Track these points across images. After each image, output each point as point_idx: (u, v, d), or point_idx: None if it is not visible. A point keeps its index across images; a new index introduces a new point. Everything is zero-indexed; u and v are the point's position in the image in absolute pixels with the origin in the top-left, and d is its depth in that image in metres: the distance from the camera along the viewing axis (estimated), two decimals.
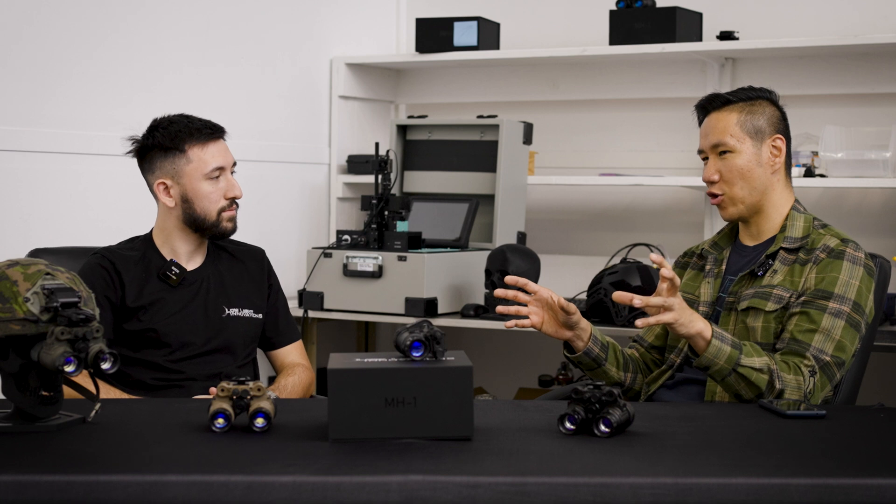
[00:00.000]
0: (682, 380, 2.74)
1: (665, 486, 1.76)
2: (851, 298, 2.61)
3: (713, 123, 2.74)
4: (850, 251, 2.66)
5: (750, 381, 2.47)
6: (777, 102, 2.78)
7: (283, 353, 3.10)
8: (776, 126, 2.75)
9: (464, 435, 2.02)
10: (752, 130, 2.72)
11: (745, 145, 2.71)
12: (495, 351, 4.80)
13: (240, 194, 2.95)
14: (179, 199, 2.91)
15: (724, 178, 2.72)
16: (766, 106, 2.75)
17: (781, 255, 2.69)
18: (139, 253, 2.94)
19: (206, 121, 2.95)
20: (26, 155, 3.64)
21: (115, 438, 2.09)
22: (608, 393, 2.07)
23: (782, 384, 2.48)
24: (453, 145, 4.48)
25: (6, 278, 2.10)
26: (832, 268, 2.63)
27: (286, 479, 1.78)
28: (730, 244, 2.83)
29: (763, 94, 2.76)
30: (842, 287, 2.61)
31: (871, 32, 4.14)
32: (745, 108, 2.73)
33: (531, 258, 4.04)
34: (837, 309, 2.59)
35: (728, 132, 2.71)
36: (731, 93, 2.76)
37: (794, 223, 2.73)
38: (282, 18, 4.54)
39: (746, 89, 2.76)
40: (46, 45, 3.69)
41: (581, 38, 4.60)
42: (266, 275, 3.08)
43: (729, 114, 2.72)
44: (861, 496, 1.76)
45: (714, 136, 2.73)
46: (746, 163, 2.70)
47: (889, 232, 4.22)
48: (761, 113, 2.73)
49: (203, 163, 2.90)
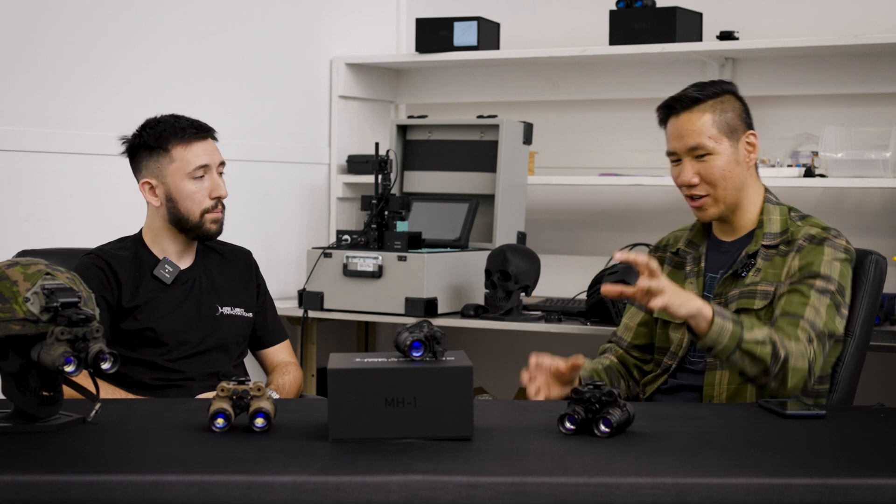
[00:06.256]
0: (676, 386, 2.72)
1: (665, 486, 1.77)
2: (836, 279, 2.60)
3: (685, 125, 2.67)
4: (832, 238, 2.65)
5: (754, 355, 2.44)
6: (739, 94, 2.73)
7: (273, 352, 3.11)
8: (746, 121, 2.71)
9: (464, 435, 2.02)
10: (728, 129, 2.67)
11: (723, 146, 2.66)
12: (495, 351, 4.79)
13: (224, 194, 2.94)
14: (164, 198, 2.92)
15: (705, 180, 2.67)
16: (732, 101, 2.70)
17: (763, 252, 2.67)
18: (131, 252, 2.94)
19: (193, 120, 2.95)
20: (26, 155, 3.64)
21: (115, 438, 2.09)
22: (608, 393, 2.07)
23: (786, 351, 2.46)
24: (453, 145, 4.48)
25: (6, 278, 2.10)
26: (816, 252, 2.62)
27: (286, 479, 1.78)
28: (705, 240, 2.79)
29: (727, 87, 2.71)
30: (826, 267, 2.60)
31: (871, 32, 4.13)
32: (716, 107, 2.67)
33: (531, 258, 4.03)
34: (823, 287, 2.58)
35: (705, 134, 2.65)
36: (696, 91, 2.68)
37: (770, 217, 2.70)
38: (282, 18, 4.54)
39: (709, 84, 2.70)
40: (46, 45, 3.69)
41: (581, 38, 4.59)
42: (254, 274, 3.11)
43: (701, 114, 2.66)
44: (861, 496, 1.76)
45: (690, 139, 2.66)
46: (726, 163, 2.66)
47: (889, 232, 4.21)
48: (731, 109, 2.68)
49: (186, 162, 2.90)
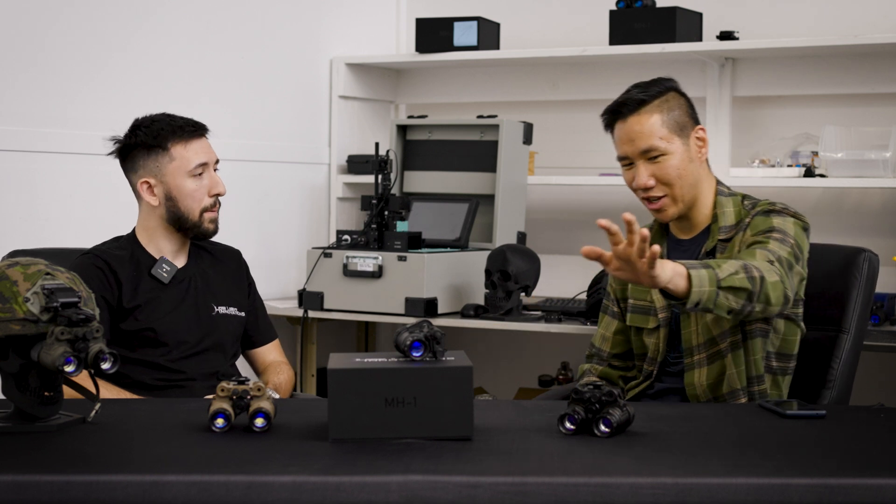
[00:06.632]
0: (662, 390, 2.71)
1: (665, 486, 1.76)
2: (792, 235, 2.56)
3: (635, 128, 2.63)
4: (779, 210, 2.62)
5: (735, 287, 2.36)
6: (681, 90, 2.70)
7: (265, 352, 3.12)
8: (692, 116, 2.68)
9: (464, 435, 2.02)
10: (677, 127, 2.64)
11: (675, 144, 2.63)
12: (495, 351, 4.79)
13: (223, 191, 2.95)
14: (163, 197, 2.91)
15: (661, 181, 2.64)
16: (677, 98, 2.67)
17: (720, 246, 2.64)
18: (127, 252, 2.94)
19: (188, 119, 2.95)
20: (26, 155, 3.64)
21: (115, 438, 2.09)
22: (608, 393, 2.07)
23: (758, 271, 2.40)
24: (453, 145, 4.48)
25: (6, 278, 2.10)
26: (765, 221, 2.59)
27: (286, 479, 1.78)
28: (664, 240, 2.76)
29: (669, 84, 2.68)
30: (779, 225, 2.57)
31: (871, 32, 4.13)
32: (662, 106, 2.64)
33: (531, 258, 4.03)
34: (781, 238, 2.54)
35: (656, 135, 2.62)
36: (640, 92, 2.65)
37: (724, 210, 2.67)
38: (282, 18, 4.54)
39: (651, 84, 2.67)
40: (46, 45, 3.69)
41: (581, 38, 4.59)
42: (245, 274, 3.12)
43: (649, 116, 2.63)
44: (861, 496, 1.76)
45: (642, 142, 2.62)
46: (680, 162, 2.63)
47: (889, 232, 4.22)
48: (677, 106, 2.66)
49: (186, 160, 2.90)
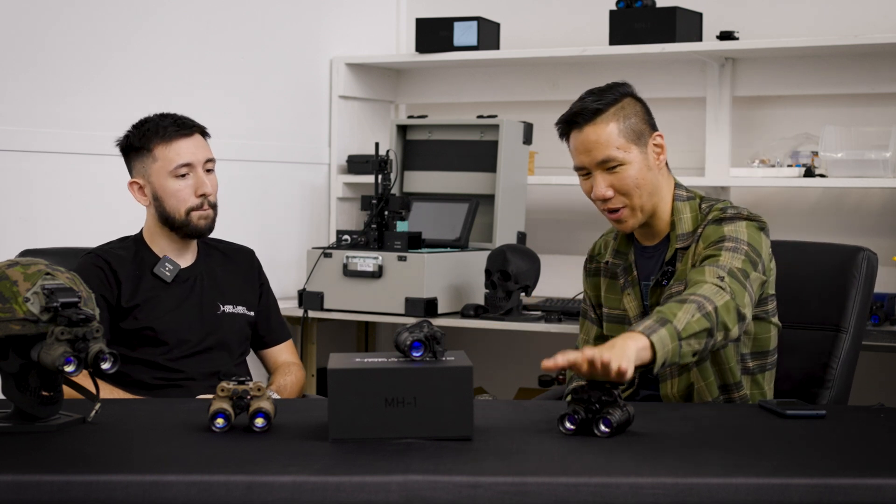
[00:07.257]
0: (648, 396, 2.68)
1: (665, 486, 1.76)
2: (744, 240, 2.52)
3: (591, 138, 2.57)
4: (729, 216, 2.57)
5: (696, 332, 2.29)
6: (637, 95, 2.65)
7: (276, 352, 3.10)
8: (650, 122, 2.63)
9: (464, 435, 2.02)
10: (634, 136, 2.58)
11: (633, 154, 2.58)
12: (495, 351, 4.79)
13: (209, 192, 2.92)
14: (152, 197, 2.92)
15: (619, 191, 2.58)
16: (633, 104, 2.61)
17: (680, 255, 2.61)
18: (132, 251, 2.94)
19: (178, 118, 2.93)
20: (25, 155, 3.64)
21: (115, 438, 2.09)
22: (608, 393, 2.07)
23: (710, 302, 2.33)
24: (453, 145, 4.48)
25: (6, 278, 2.10)
26: (716, 230, 2.55)
27: (286, 479, 1.78)
28: (631, 247, 2.72)
29: (624, 90, 2.62)
30: (731, 232, 2.53)
31: (871, 32, 4.13)
32: (618, 114, 2.58)
33: (531, 258, 4.04)
34: (734, 247, 2.49)
35: (613, 145, 2.56)
36: (595, 100, 2.58)
37: (680, 217, 2.63)
38: (282, 18, 4.54)
39: (606, 91, 2.61)
40: (46, 45, 3.69)
41: (581, 38, 4.59)
42: (257, 273, 3.10)
43: (605, 125, 2.57)
44: (861, 496, 1.76)
45: (599, 152, 2.57)
46: (638, 171, 2.58)
47: (889, 232, 4.22)
48: (633, 114, 2.60)
49: (168, 160, 2.89)
